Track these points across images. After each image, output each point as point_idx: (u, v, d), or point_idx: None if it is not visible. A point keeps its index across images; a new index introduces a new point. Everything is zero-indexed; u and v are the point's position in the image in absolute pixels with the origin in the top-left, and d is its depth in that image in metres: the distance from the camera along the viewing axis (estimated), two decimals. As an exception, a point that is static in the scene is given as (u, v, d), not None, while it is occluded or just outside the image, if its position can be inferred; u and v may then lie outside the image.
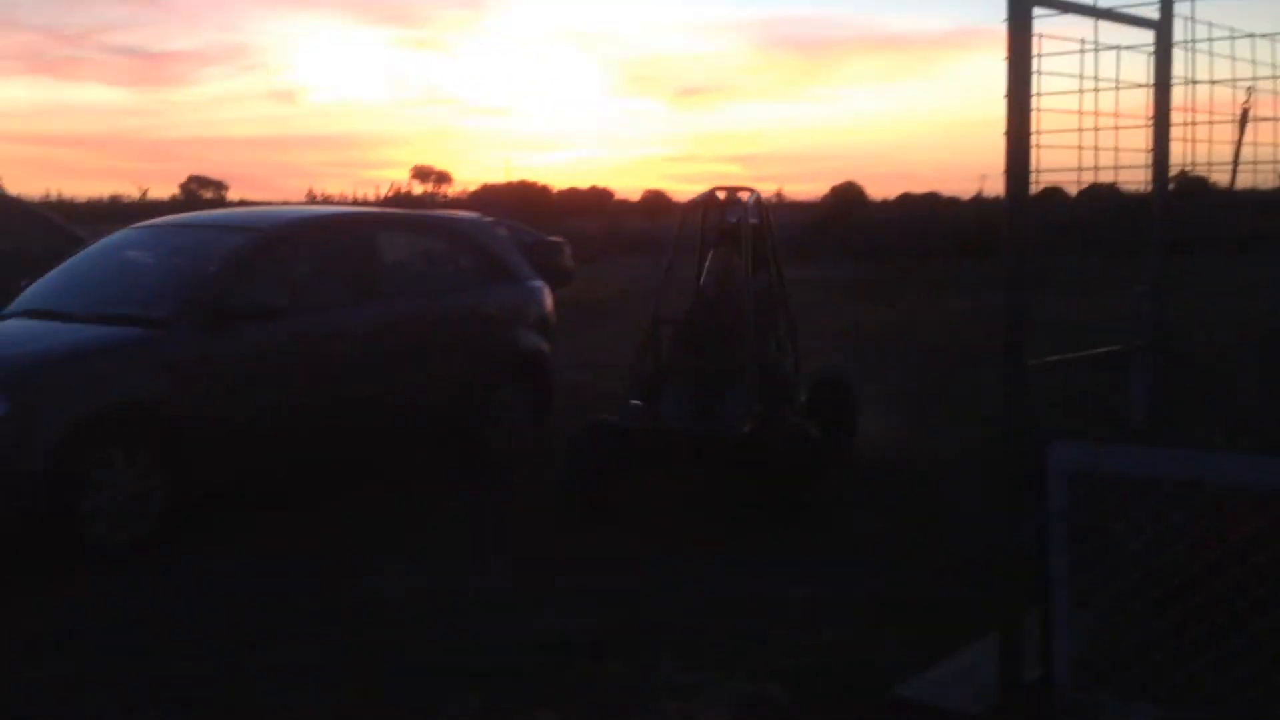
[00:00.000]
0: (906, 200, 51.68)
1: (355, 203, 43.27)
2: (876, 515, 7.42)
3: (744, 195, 8.24)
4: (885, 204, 51.63)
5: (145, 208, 44.76)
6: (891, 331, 16.50)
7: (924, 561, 6.42)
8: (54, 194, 50.26)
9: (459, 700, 4.69)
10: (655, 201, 53.53)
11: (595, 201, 53.95)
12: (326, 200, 46.32)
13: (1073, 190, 4.93)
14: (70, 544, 6.61)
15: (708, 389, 7.74)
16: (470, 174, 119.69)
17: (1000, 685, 4.32)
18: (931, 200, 50.38)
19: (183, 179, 62.34)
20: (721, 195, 8.26)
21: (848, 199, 49.00)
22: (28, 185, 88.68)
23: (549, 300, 9.83)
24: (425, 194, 56.14)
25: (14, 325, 7.64)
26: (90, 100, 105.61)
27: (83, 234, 11.19)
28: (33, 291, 8.17)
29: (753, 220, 8.17)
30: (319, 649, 5.29)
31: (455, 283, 9.19)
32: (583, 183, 73.40)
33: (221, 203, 51.18)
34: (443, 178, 61.17)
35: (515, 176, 58.76)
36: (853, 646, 5.22)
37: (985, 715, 4.31)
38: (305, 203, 39.13)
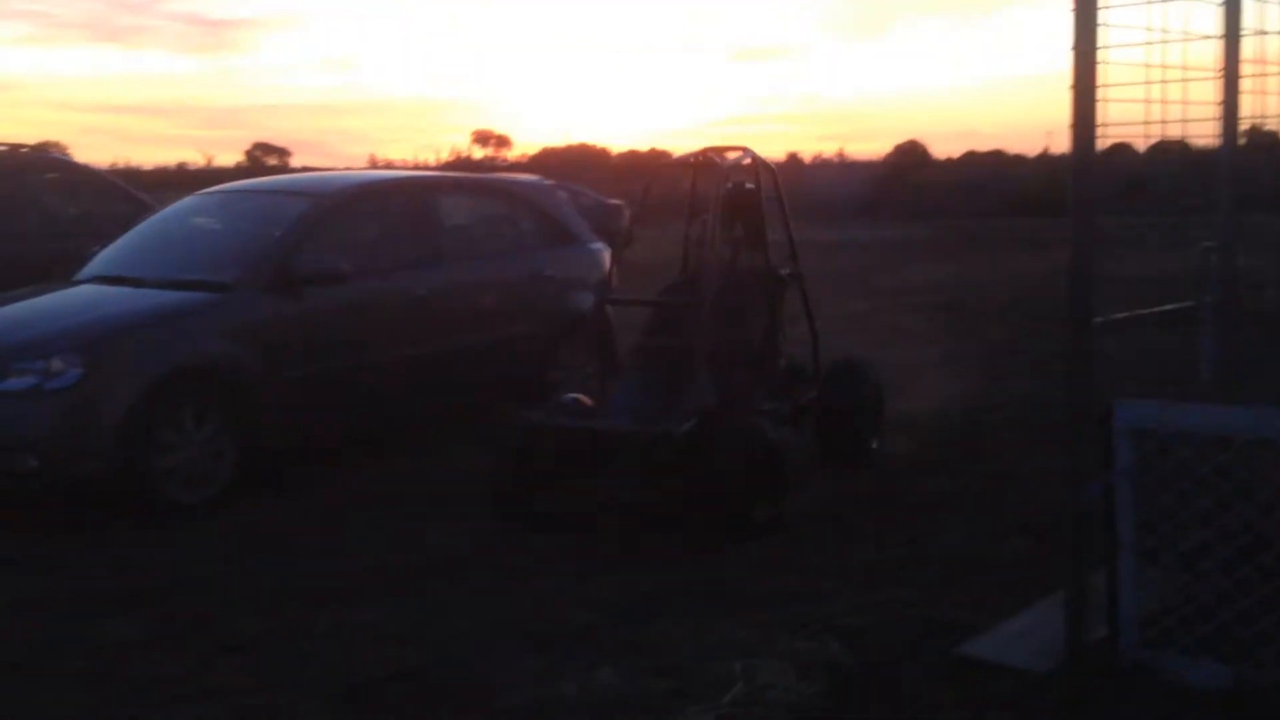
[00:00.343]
0: (971, 158, 50.98)
1: (416, 167, 43.41)
2: (941, 475, 7.37)
3: (731, 155, 7.23)
4: (949, 163, 50.93)
5: (211, 174, 45.25)
6: (956, 291, 16.35)
7: (988, 521, 6.38)
8: (121, 161, 50.84)
9: (522, 660, 4.74)
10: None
11: (654, 164, 53.71)
12: (388, 165, 46.52)
13: (1140, 146, 4.85)
14: (143, 504, 6.76)
15: (665, 380, 6.73)
16: (530, 137, 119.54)
17: (1066, 644, 4.30)
18: (996, 158, 49.68)
19: (247, 146, 62.91)
20: (716, 158, 7.24)
21: (911, 158, 48.45)
22: (95, 153, 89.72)
23: (609, 263, 9.80)
24: (485, 158, 56.27)
25: (85, 291, 7.78)
26: (155, 68, 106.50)
27: (150, 201, 11.31)
28: (102, 258, 8.32)
29: (748, 185, 7.29)
30: (383, 609, 5.37)
31: (516, 246, 9.22)
32: (642, 145, 73.17)
33: (285, 169, 51.55)
34: (502, 142, 61.23)
35: (575, 139, 58.46)
36: (915, 606, 5.19)
37: (1051, 674, 4.30)
38: (367, 168, 39.33)
